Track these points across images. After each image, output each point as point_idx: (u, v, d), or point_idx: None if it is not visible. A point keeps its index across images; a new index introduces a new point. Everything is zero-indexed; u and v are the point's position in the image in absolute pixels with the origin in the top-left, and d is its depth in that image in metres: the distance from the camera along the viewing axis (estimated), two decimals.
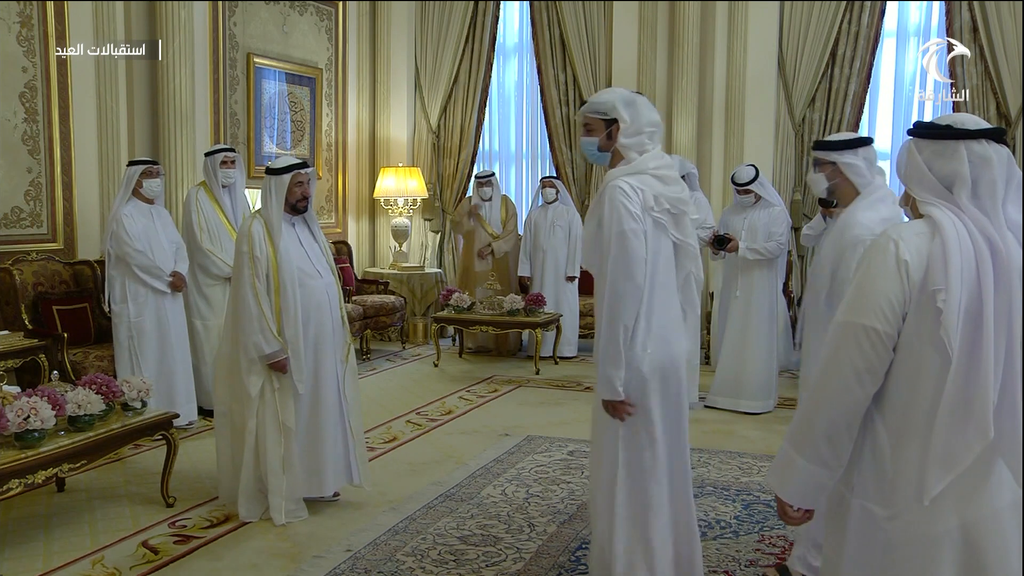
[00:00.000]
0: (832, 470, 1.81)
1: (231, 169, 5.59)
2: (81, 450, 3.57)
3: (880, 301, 1.71)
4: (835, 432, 1.78)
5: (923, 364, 1.70)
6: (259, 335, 3.75)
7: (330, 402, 3.93)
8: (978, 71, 7.10)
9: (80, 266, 5.78)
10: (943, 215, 1.70)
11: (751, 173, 5.82)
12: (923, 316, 1.68)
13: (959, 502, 1.69)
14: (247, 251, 3.81)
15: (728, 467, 4.68)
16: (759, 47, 7.61)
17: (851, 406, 1.76)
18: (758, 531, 3.80)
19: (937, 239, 1.68)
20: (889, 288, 1.71)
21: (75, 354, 5.19)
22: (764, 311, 5.83)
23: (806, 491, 1.85)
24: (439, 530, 3.77)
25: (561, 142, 8.40)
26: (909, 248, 1.70)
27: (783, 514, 1.91)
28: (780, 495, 1.89)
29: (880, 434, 1.77)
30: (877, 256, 1.74)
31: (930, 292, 1.66)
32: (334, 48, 8.51)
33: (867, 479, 1.79)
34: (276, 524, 3.78)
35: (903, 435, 1.74)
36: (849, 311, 1.76)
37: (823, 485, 1.83)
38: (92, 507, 4.02)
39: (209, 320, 5.51)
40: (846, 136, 3.23)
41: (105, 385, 3.75)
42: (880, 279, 1.72)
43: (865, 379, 1.74)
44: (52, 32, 5.77)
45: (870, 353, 1.72)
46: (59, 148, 5.87)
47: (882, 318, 1.71)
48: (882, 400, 1.77)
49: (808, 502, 1.87)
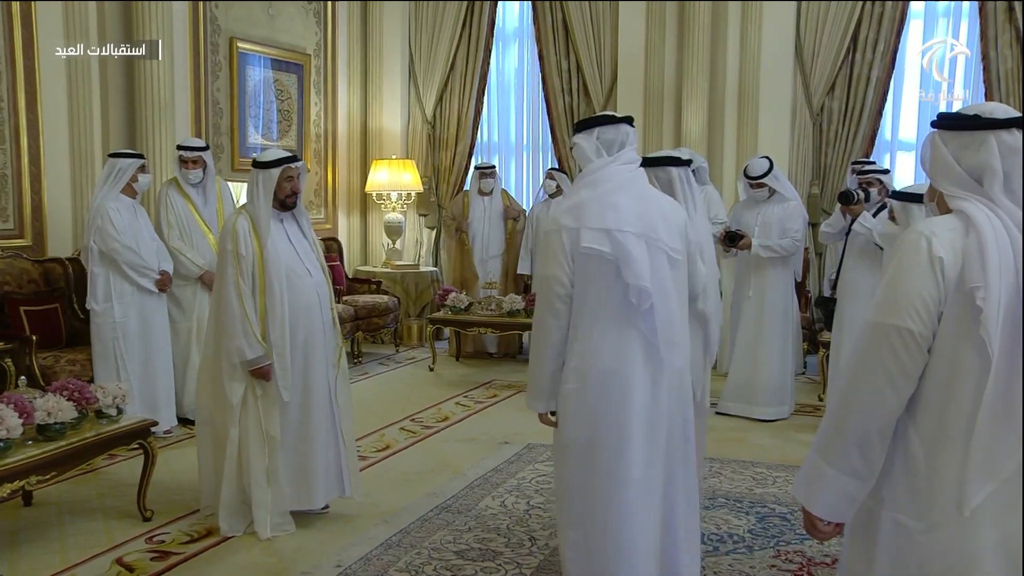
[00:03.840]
0: (864, 480, 1.80)
1: (192, 171, 5.51)
2: (51, 461, 3.54)
3: (914, 300, 1.70)
4: (867, 440, 1.77)
5: (960, 366, 1.69)
6: (241, 339, 3.73)
7: (320, 409, 3.92)
8: (1014, 54, 7.05)
9: (50, 264, 5.74)
10: (976, 209, 1.69)
11: (765, 166, 5.79)
12: (960, 315, 1.67)
13: (998, 513, 1.68)
14: (231, 249, 3.79)
15: (741, 477, 4.66)
16: (775, 30, 7.58)
17: (884, 412, 1.75)
18: (774, 546, 3.78)
19: (972, 234, 1.67)
20: (923, 286, 1.70)
21: (45, 358, 5.15)
22: (778, 312, 5.82)
23: (836, 503, 1.83)
24: (434, 544, 3.75)
25: (564, 133, 8.37)
26: (943, 244, 1.69)
27: (811, 529, 1.89)
28: (808, 508, 1.88)
29: (913, 441, 1.76)
30: (909, 253, 1.73)
31: (967, 290, 1.65)
32: (323, 33, 8.49)
33: (899, 490, 1.78)
34: (261, 538, 3.76)
35: (939, 442, 1.72)
36: (880, 311, 1.75)
37: (854, 497, 1.82)
38: (62, 522, 3.98)
39: (179, 323, 5.50)
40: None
41: (78, 391, 3.73)
42: (913, 277, 1.71)
43: (899, 383, 1.73)
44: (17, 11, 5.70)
45: (904, 355, 1.71)
46: (26, 137, 5.82)
47: (916, 318, 1.70)
48: (915, 405, 1.76)
49: (838, 515, 1.85)
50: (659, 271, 2.73)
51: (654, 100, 7.90)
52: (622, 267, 2.68)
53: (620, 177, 2.78)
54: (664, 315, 2.72)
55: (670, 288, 2.76)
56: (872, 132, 7.54)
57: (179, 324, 5.49)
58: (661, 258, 2.74)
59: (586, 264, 2.72)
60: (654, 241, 2.72)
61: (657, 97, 7.89)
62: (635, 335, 2.72)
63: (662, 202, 2.88)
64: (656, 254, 2.73)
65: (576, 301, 2.76)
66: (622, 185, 2.77)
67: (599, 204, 2.73)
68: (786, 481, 4.55)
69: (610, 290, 2.72)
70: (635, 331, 2.72)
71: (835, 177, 7.67)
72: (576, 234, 2.71)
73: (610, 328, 2.73)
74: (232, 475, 3.82)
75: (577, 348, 2.77)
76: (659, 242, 2.73)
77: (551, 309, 2.77)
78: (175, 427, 5.35)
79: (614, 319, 2.73)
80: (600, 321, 2.74)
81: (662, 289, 2.72)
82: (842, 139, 7.65)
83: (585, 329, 2.75)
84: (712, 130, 7.82)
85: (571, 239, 2.72)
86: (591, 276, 2.73)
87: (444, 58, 8.75)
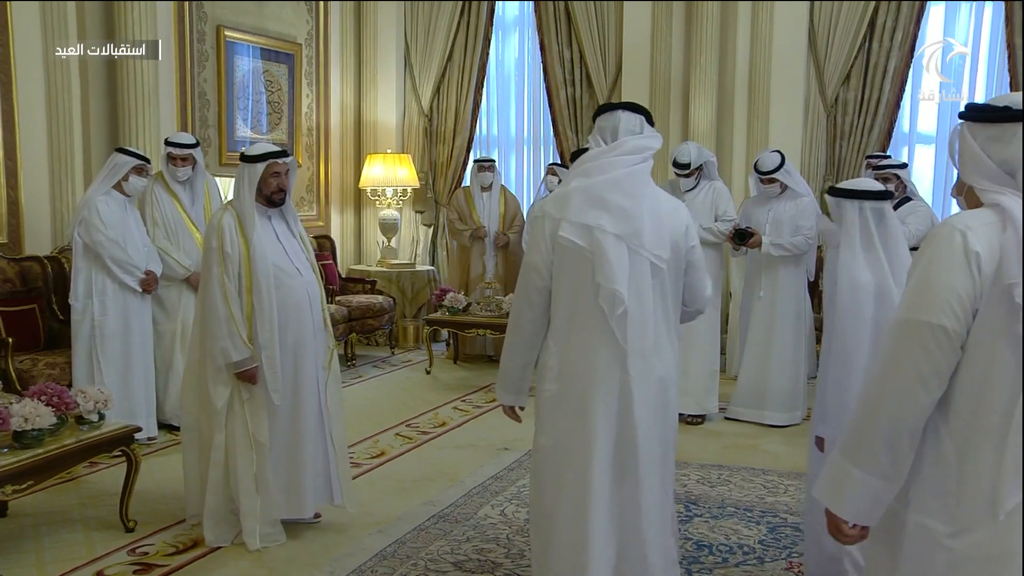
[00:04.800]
0: (892, 482, 1.81)
1: (180, 168, 5.50)
2: (28, 469, 3.51)
3: (949, 296, 1.69)
4: (896, 440, 1.77)
5: (996, 365, 1.67)
6: (227, 340, 3.71)
7: (310, 414, 3.90)
8: None
9: (28, 263, 5.67)
10: (1013, 203, 1.69)
11: (776, 160, 5.78)
12: (996, 312, 1.66)
13: None
14: (217, 247, 3.77)
15: (751, 485, 4.65)
16: (787, 18, 7.52)
17: (915, 412, 1.75)
18: (785, 557, 3.76)
19: (1010, 229, 1.66)
20: (958, 282, 1.69)
21: (22, 361, 5.11)
22: (790, 313, 5.81)
23: (863, 505, 1.84)
24: (431, 555, 3.74)
25: (566, 126, 8.33)
26: (979, 239, 1.69)
27: (836, 532, 1.90)
28: (834, 511, 1.89)
29: (944, 442, 1.76)
30: (942, 247, 1.72)
31: (1005, 286, 1.64)
32: (315, 21, 8.46)
33: (926, 492, 1.78)
34: (250, 549, 3.75)
35: (971, 443, 1.71)
36: (912, 308, 1.74)
37: (881, 499, 1.83)
38: (40, 534, 3.96)
39: (162, 325, 5.47)
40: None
41: (57, 396, 3.70)
42: (947, 272, 1.70)
43: (931, 382, 1.73)
44: None
45: (936, 354, 1.71)
46: (0, 129, 5.76)
47: (951, 315, 1.69)
48: (947, 405, 1.75)
49: (865, 518, 1.86)
50: (638, 278, 2.67)
51: (661, 91, 7.85)
52: (596, 266, 2.65)
53: (617, 171, 2.72)
54: (639, 324, 2.67)
55: (649, 297, 2.70)
56: (889, 125, 7.48)
57: (162, 327, 5.47)
58: (643, 265, 2.68)
59: (563, 256, 2.71)
60: (636, 247, 2.67)
61: (664, 88, 7.85)
62: (606, 340, 2.67)
63: (660, 204, 2.78)
64: (637, 260, 2.67)
65: (553, 295, 2.76)
66: (618, 181, 2.71)
67: (586, 197, 2.70)
68: (798, 489, 4.53)
69: (585, 288, 2.69)
70: (606, 336, 2.67)
71: (850, 172, 7.62)
72: (556, 224, 2.71)
73: (582, 329, 2.70)
74: (218, 483, 3.80)
75: (552, 346, 2.75)
76: (642, 248, 2.67)
77: (527, 299, 2.78)
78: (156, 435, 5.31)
79: (587, 320, 2.69)
80: (574, 320, 2.71)
81: (639, 297, 2.67)
82: (857, 132, 7.61)
83: (559, 326, 2.75)
84: (721, 123, 7.77)
85: (551, 228, 2.72)
86: (567, 269, 2.71)
87: (441, 48, 8.71)
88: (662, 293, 2.74)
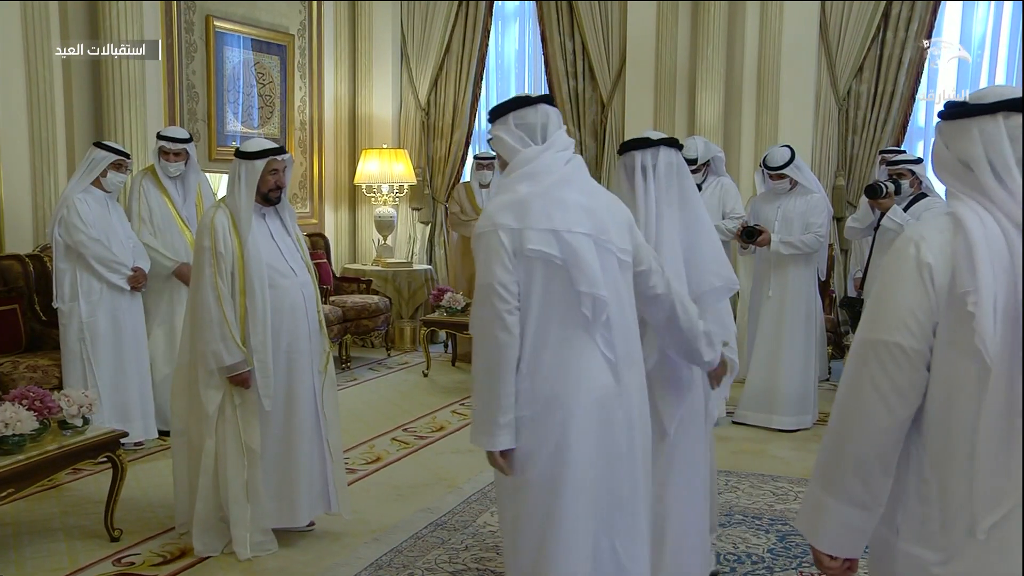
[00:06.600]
0: (869, 510, 1.77)
1: (173, 163, 5.50)
2: (7, 476, 3.51)
3: (902, 313, 1.67)
4: (866, 466, 1.74)
5: (959, 379, 1.65)
6: (219, 343, 3.71)
7: (305, 418, 3.90)
8: None
9: (8, 261, 5.67)
10: (966, 208, 1.66)
11: (786, 155, 5.77)
12: (956, 325, 1.63)
13: (1019, 539, 1.61)
14: (209, 246, 3.77)
15: (760, 492, 4.65)
16: (798, 8, 7.54)
17: (879, 435, 1.72)
18: (795, 566, 3.77)
19: (960, 236, 1.63)
20: (911, 296, 1.67)
21: (2, 364, 5.13)
22: (800, 314, 5.80)
23: (841, 537, 1.80)
24: (428, 564, 3.74)
25: (568, 121, 8.33)
26: (932, 249, 1.66)
27: (819, 564, 1.87)
28: (811, 542, 1.85)
29: (924, 466, 1.73)
30: (898, 261, 1.70)
31: (958, 296, 1.61)
32: (307, 11, 8.47)
33: (913, 519, 1.74)
34: (240, 559, 3.75)
35: (948, 466, 1.68)
36: (868, 327, 1.73)
37: (860, 528, 1.78)
38: (20, 543, 3.96)
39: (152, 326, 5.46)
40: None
41: (39, 400, 3.69)
42: (901, 287, 1.68)
43: (893, 402, 1.69)
44: None
45: (895, 372, 1.68)
46: None
47: (904, 332, 1.67)
48: (921, 425, 1.73)
49: (845, 550, 1.81)
50: (611, 276, 2.56)
51: (666, 84, 7.86)
52: (574, 274, 2.49)
53: (562, 169, 2.61)
54: (621, 328, 2.57)
55: (625, 296, 2.62)
56: (904, 119, 7.49)
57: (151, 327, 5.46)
58: (612, 261, 2.57)
59: (530, 269, 2.51)
60: (604, 243, 2.55)
61: (669, 81, 7.86)
62: (587, 353, 2.53)
63: (610, 198, 2.72)
64: (606, 257, 2.56)
65: (521, 313, 2.51)
66: (567, 178, 2.60)
67: (544, 200, 2.52)
68: None
69: (558, 300, 2.52)
70: (588, 349, 2.53)
71: (862, 168, 7.64)
72: (519, 235, 2.49)
73: (559, 345, 2.52)
74: (208, 490, 3.81)
75: (522, 368, 2.52)
76: (609, 244, 2.56)
77: (501, 323, 2.47)
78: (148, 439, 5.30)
79: (563, 333, 2.52)
80: (546, 337, 2.52)
81: (617, 298, 2.57)
82: (870, 126, 7.61)
83: (528, 345, 2.52)
84: (729, 117, 7.78)
85: (513, 240, 2.49)
86: (535, 284, 2.51)
87: (439, 39, 8.72)
88: (629, 291, 2.67)
